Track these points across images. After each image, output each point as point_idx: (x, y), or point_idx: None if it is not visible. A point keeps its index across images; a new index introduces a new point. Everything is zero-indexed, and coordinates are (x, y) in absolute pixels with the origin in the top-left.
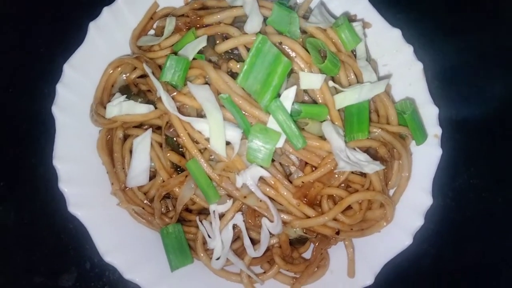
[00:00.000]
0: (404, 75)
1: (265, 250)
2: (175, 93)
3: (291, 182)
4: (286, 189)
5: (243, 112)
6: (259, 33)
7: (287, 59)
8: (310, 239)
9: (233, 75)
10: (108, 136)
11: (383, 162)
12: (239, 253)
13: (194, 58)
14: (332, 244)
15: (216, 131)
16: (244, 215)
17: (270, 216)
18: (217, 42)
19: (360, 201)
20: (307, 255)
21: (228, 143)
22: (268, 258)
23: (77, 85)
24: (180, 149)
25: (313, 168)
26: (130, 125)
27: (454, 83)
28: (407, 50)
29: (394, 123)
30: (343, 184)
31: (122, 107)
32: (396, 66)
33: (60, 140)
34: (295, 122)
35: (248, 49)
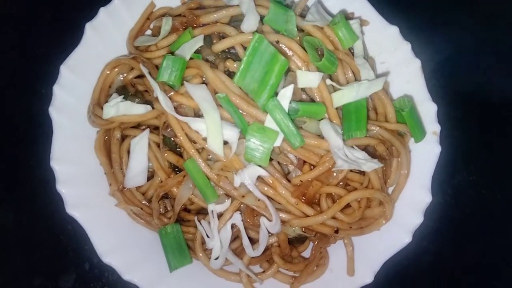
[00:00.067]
0: (402, 73)
1: (264, 249)
2: (172, 93)
3: (290, 181)
4: (285, 188)
5: (241, 112)
6: (256, 32)
7: (284, 58)
8: (309, 238)
9: (230, 75)
10: (106, 137)
11: (382, 160)
12: (238, 253)
13: (191, 58)
14: (331, 243)
15: (214, 131)
16: (243, 215)
17: (269, 215)
18: (214, 42)
19: (359, 199)
20: (307, 254)
21: (226, 143)
22: (267, 257)
23: (74, 86)
24: (178, 149)
25: (312, 167)
26: (128, 126)
27: (453, 80)
28: (405, 48)
29: (393, 121)
30: (342, 183)
31: (119, 108)
32: (394, 64)
33: (58, 141)
34: (293, 121)
35: (245, 48)
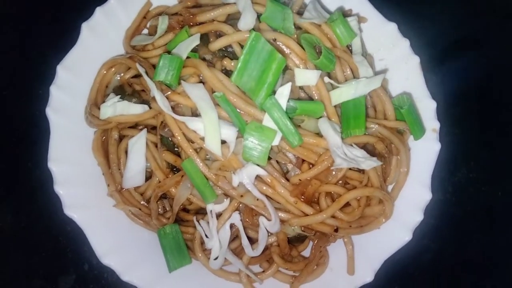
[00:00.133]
0: (401, 69)
1: (264, 249)
2: (169, 93)
3: (288, 180)
4: (283, 187)
5: (238, 110)
6: (253, 30)
7: (282, 56)
8: (309, 237)
9: (228, 73)
10: (103, 137)
11: (381, 158)
12: (238, 253)
13: (188, 57)
14: (331, 242)
15: (211, 130)
16: (242, 214)
17: (268, 215)
18: (211, 40)
19: (359, 198)
20: (306, 253)
21: (224, 142)
22: (267, 257)
23: (71, 87)
24: (176, 149)
25: (310, 166)
26: (125, 126)
27: (452, 77)
28: (404, 44)
29: (392, 118)
30: (341, 181)
31: (117, 108)
32: (393, 61)
33: (55, 142)
34: (291, 119)
35: (242, 47)
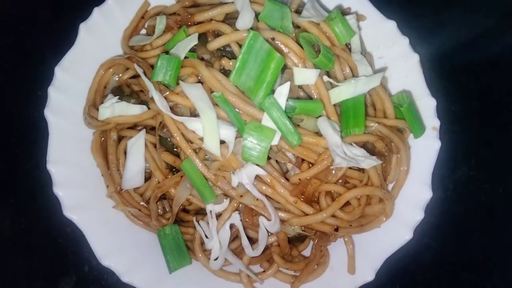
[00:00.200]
0: (400, 67)
1: (264, 249)
2: (168, 93)
3: (288, 180)
4: (283, 187)
5: (237, 110)
6: (251, 29)
7: (280, 55)
8: (309, 237)
9: (226, 73)
10: (102, 138)
11: (381, 157)
12: (238, 253)
13: (186, 57)
14: (332, 241)
15: (210, 130)
16: (241, 214)
17: (268, 215)
18: (209, 40)
19: (359, 197)
20: (307, 253)
21: (223, 142)
22: (267, 257)
23: (69, 88)
24: (175, 149)
25: (310, 165)
26: (124, 127)
27: (452, 74)
28: (403, 42)
29: (391, 117)
30: (341, 180)
31: (115, 109)
32: (392, 59)
33: (54, 144)
34: (290, 119)
35: (241, 46)
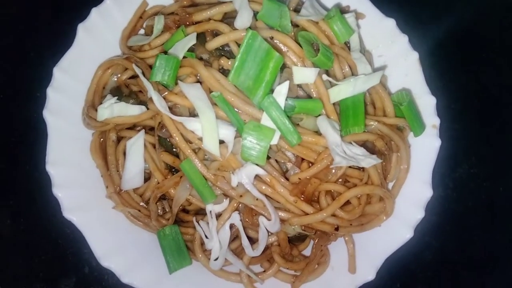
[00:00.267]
0: (400, 66)
1: (264, 249)
2: (166, 93)
3: (288, 179)
4: (283, 187)
5: (236, 110)
6: (249, 29)
7: (279, 54)
8: (310, 236)
9: (225, 72)
10: (101, 139)
11: (381, 155)
12: (238, 253)
13: (185, 57)
14: (332, 240)
15: (209, 130)
16: (241, 214)
17: (268, 215)
18: (208, 39)
19: (359, 196)
20: (307, 252)
21: (222, 142)
22: (268, 257)
23: (68, 88)
24: (174, 150)
25: (310, 164)
26: (123, 127)
27: (451, 72)
28: (402, 40)
29: (391, 115)
30: (341, 179)
31: (114, 109)
32: (392, 57)
33: (53, 145)
34: (289, 118)
35: (239, 45)
